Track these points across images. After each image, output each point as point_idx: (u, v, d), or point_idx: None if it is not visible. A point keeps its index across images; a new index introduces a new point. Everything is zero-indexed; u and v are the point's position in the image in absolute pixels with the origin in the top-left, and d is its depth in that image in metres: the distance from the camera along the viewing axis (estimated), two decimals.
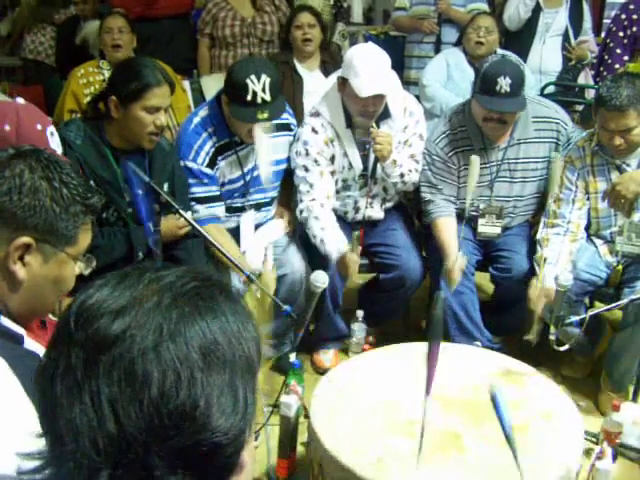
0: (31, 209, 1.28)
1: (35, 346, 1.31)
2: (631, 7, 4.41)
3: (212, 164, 2.92)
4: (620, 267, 3.00)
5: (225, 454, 0.82)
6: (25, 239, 1.27)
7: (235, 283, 2.78)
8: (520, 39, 4.64)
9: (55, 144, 1.79)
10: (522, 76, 2.93)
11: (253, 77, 2.75)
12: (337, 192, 3.15)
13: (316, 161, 3.03)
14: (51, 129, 1.80)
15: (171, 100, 2.65)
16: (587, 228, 3.07)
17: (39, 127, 1.77)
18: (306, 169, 3.04)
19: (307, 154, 3.03)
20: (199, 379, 0.80)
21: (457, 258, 2.97)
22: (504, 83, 2.85)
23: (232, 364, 0.83)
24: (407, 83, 4.45)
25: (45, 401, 0.83)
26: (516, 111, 2.96)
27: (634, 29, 4.35)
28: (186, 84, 4.21)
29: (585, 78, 4.77)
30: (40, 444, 0.84)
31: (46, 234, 1.30)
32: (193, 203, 2.90)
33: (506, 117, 2.95)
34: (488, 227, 3.19)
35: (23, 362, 1.22)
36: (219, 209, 2.97)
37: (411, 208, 3.43)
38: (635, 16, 4.36)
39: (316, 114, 3.08)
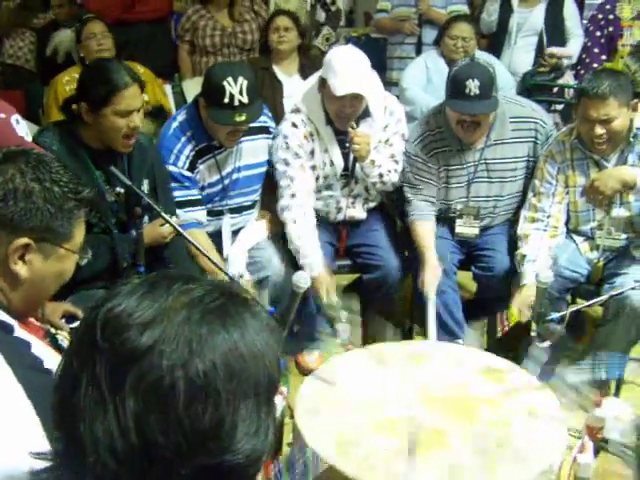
0: (27, 212, 1.31)
1: (25, 335, 1.33)
2: (607, 7, 4.47)
3: (192, 168, 2.94)
4: (601, 263, 3.03)
5: (245, 476, 0.82)
6: (23, 240, 1.30)
7: None
8: (495, 39, 4.68)
9: (23, 132, 1.80)
10: (492, 77, 2.95)
11: (230, 79, 2.77)
12: (319, 191, 3.16)
13: (296, 154, 3.04)
14: (16, 117, 1.80)
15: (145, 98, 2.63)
16: (567, 223, 3.09)
17: (2, 115, 1.78)
18: (286, 163, 3.05)
19: (287, 147, 3.04)
20: (225, 399, 0.79)
21: (433, 268, 3.00)
22: (473, 85, 2.87)
23: (257, 385, 0.83)
24: (389, 84, 4.47)
25: (65, 408, 0.82)
26: (486, 112, 2.97)
27: (610, 29, 4.41)
28: (167, 88, 4.21)
29: (566, 78, 4.79)
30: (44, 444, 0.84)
31: (43, 233, 1.33)
32: (176, 208, 2.88)
33: (479, 119, 2.97)
34: (466, 228, 3.21)
35: (13, 348, 1.25)
36: (200, 213, 2.98)
37: (393, 208, 3.45)
38: (611, 16, 4.41)
39: (296, 110, 3.10)
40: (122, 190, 2.57)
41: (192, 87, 4.11)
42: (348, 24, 6.17)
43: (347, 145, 3.06)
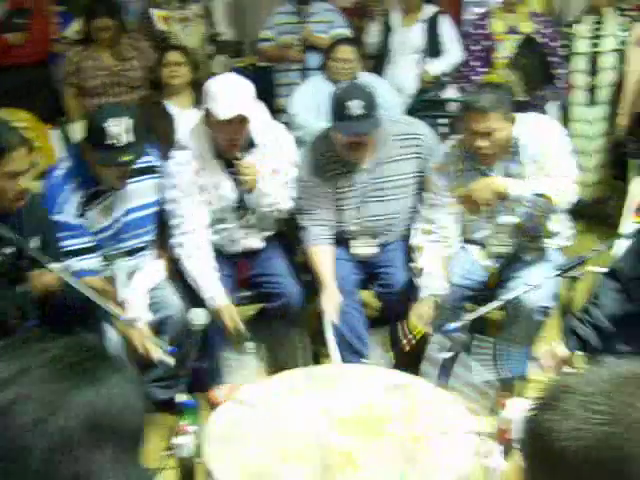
0: None
1: None
2: (480, 22, 4.67)
3: (81, 215, 2.87)
4: (494, 269, 3.12)
5: None
6: None
7: (111, 336, 2.72)
8: (379, 60, 4.81)
9: None
10: (372, 97, 3.00)
11: (112, 120, 2.73)
12: (213, 224, 3.13)
13: (185, 192, 3.01)
14: None
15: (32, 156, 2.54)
16: (460, 233, 3.16)
17: None
18: (176, 202, 3.02)
19: (176, 186, 3.02)
20: (85, 451, 0.79)
21: (332, 293, 3.03)
22: (354, 106, 2.92)
23: (118, 437, 0.83)
24: (278, 111, 4.51)
25: None
26: (369, 132, 3.02)
27: (485, 43, 4.59)
28: (53, 133, 4.11)
29: (450, 92, 4.96)
30: None
31: None
32: (67, 257, 2.79)
33: (363, 139, 3.02)
34: (362, 248, 3.25)
35: None
36: (94, 260, 2.91)
37: (291, 234, 3.45)
38: (485, 30, 4.60)
39: (183, 147, 3.07)
40: (12, 250, 2.47)
41: (78, 131, 4.03)
42: (236, 55, 6.22)
43: (236, 177, 3.05)
